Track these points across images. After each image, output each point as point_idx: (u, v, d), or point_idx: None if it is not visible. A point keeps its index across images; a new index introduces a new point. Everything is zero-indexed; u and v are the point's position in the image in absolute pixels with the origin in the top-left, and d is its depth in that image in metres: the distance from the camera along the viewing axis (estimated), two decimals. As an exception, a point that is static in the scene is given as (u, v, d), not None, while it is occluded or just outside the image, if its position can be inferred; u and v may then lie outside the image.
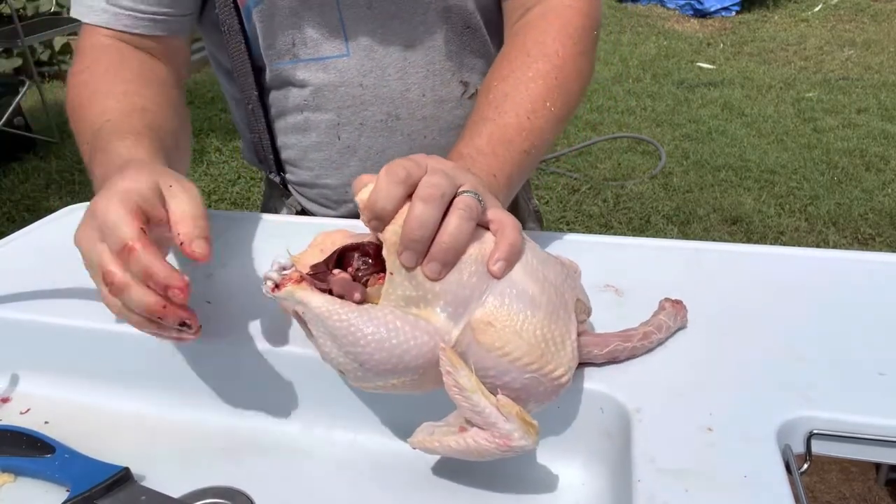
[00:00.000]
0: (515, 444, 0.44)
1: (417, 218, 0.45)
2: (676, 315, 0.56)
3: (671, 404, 0.49)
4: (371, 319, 0.45)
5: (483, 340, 0.45)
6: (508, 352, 0.45)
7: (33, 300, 0.65)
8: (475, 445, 0.45)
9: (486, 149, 0.61)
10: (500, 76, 0.68)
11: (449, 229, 0.46)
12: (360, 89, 0.76)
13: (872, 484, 1.46)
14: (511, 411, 0.44)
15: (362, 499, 0.52)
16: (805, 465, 0.47)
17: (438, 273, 0.46)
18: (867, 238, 2.71)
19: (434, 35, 0.75)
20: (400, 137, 0.80)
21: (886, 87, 4.22)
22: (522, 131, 0.63)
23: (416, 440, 0.48)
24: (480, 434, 0.45)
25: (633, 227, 2.79)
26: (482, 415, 0.44)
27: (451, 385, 0.45)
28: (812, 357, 0.53)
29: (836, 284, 0.63)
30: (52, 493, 0.52)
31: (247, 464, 0.55)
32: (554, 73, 0.67)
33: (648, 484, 0.43)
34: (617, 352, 0.53)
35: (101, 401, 0.61)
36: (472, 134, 0.63)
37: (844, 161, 3.27)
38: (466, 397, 0.44)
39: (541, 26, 0.70)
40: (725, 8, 5.83)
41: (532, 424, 0.45)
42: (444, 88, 0.78)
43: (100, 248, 0.47)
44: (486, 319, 0.46)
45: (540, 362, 0.46)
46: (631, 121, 3.82)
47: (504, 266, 0.47)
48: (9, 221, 2.96)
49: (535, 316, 0.47)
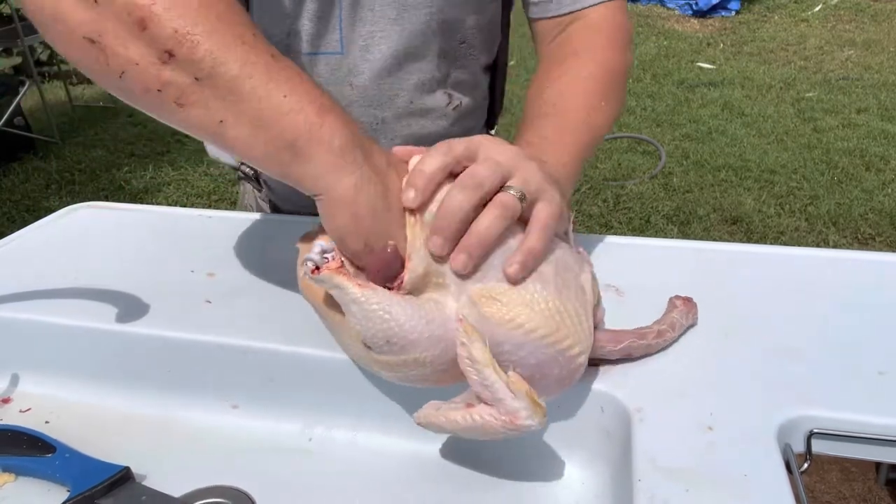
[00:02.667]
0: (521, 423, 0.43)
1: (450, 207, 0.45)
2: (688, 313, 0.57)
3: (672, 403, 0.49)
4: (399, 302, 0.46)
5: (491, 314, 0.45)
6: (521, 323, 0.45)
7: (33, 300, 0.65)
8: (480, 421, 0.44)
9: (552, 137, 0.61)
10: (552, 78, 0.68)
11: (480, 225, 0.45)
12: (350, 89, 0.76)
13: (872, 484, 1.46)
14: (521, 388, 0.44)
15: (362, 498, 0.52)
16: (805, 464, 0.47)
17: (464, 266, 0.46)
18: (867, 238, 2.71)
19: (430, 45, 0.75)
20: (384, 141, 0.79)
21: (886, 87, 4.22)
22: (583, 124, 0.64)
23: (422, 414, 0.48)
24: (486, 410, 0.44)
25: (633, 227, 2.79)
26: (491, 389, 0.44)
27: (464, 356, 0.45)
28: (812, 357, 0.53)
29: (836, 284, 0.63)
30: (53, 493, 0.52)
31: (247, 464, 0.55)
32: (606, 77, 0.68)
33: (649, 483, 0.43)
34: (631, 349, 0.53)
35: (101, 400, 0.61)
36: (537, 126, 0.63)
37: (844, 161, 3.27)
38: (478, 370, 0.44)
39: (586, 35, 0.71)
40: (725, 8, 5.83)
41: (540, 405, 0.44)
42: (431, 98, 0.78)
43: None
44: (491, 294, 0.46)
45: (556, 335, 0.46)
46: (631, 121, 3.82)
47: (518, 270, 0.46)
48: (9, 221, 2.96)
49: (545, 290, 0.46)
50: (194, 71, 0.44)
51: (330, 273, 0.45)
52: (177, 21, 0.44)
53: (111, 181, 3.36)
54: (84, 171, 3.47)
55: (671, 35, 5.42)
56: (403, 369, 0.47)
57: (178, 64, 0.44)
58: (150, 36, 0.44)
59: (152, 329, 0.60)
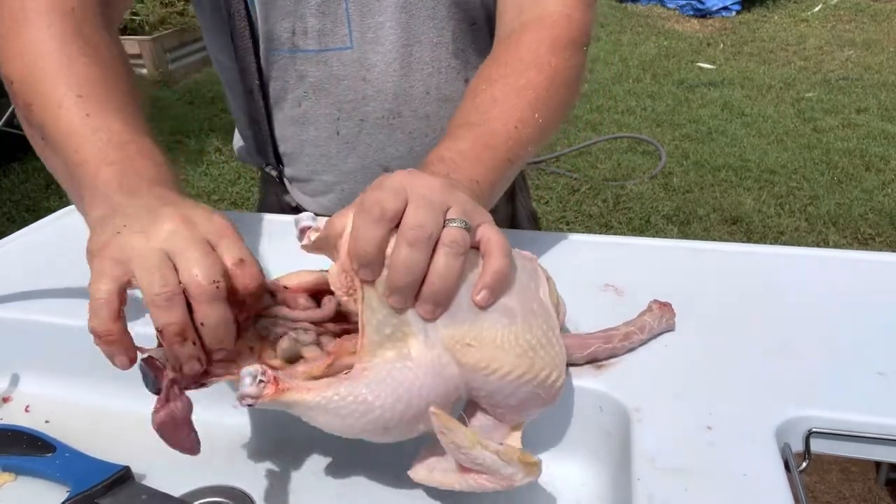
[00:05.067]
0: (518, 484, 0.44)
1: (404, 264, 0.43)
2: (662, 317, 0.56)
3: (671, 403, 0.49)
4: (369, 382, 0.43)
5: (466, 362, 0.44)
6: (496, 369, 0.44)
7: (33, 300, 0.65)
8: (477, 486, 0.45)
9: (469, 153, 0.58)
10: (489, 79, 0.65)
11: (438, 271, 0.43)
12: (363, 83, 0.75)
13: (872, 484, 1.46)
14: (512, 457, 0.43)
15: (362, 498, 0.52)
16: (804, 463, 0.47)
17: (433, 313, 0.44)
18: (867, 238, 2.70)
19: (442, 31, 0.74)
20: (400, 135, 0.78)
21: (886, 87, 4.22)
22: (509, 140, 0.60)
23: (418, 477, 0.48)
24: (483, 477, 0.44)
25: (633, 227, 2.79)
26: (483, 466, 0.44)
27: (449, 443, 0.44)
28: (812, 356, 0.53)
29: (836, 284, 0.63)
30: (53, 493, 0.52)
31: (247, 463, 0.55)
32: (546, 84, 0.64)
33: (648, 483, 0.43)
34: (597, 353, 0.54)
35: (101, 400, 0.61)
36: (456, 137, 0.60)
37: (844, 161, 3.27)
38: (466, 454, 0.44)
39: (536, 34, 0.67)
40: (726, 8, 5.82)
41: (534, 463, 0.44)
42: (449, 87, 0.77)
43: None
44: (464, 340, 0.44)
45: (532, 372, 0.45)
46: (631, 121, 3.81)
47: (488, 295, 0.45)
48: (9, 221, 2.96)
49: (512, 324, 0.45)
50: (39, 132, 0.57)
51: (274, 395, 0.42)
52: (23, 95, 0.57)
53: (111, 181, 3.35)
54: (84, 171, 3.46)
55: (671, 35, 5.42)
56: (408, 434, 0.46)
57: (31, 126, 0.58)
58: (17, 102, 0.58)
59: (152, 329, 0.60)
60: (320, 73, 0.76)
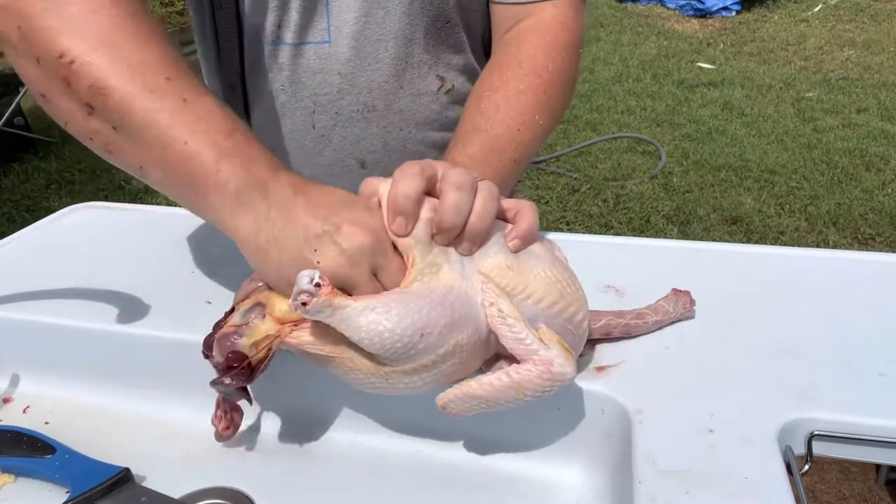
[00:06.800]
0: (556, 371, 0.45)
1: (454, 205, 0.47)
2: (678, 301, 0.57)
3: (672, 405, 0.49)
4: (411, 291, 0.46)
5: (505, 282, 0.47)
6: (530, 293, 0.47)
7: (33, 300, 0.65)
8: (517, 378, 0.45)
9: (479, 156, 0.63)
10: (491, 86, 0.70)
11: (477, 211, 0.48)
12: (339, 77, 0.76)
13: (872, 484, 1.46)
14: (552, 338, 0.46)
15: (362, 499, 0.52)
16: (806, 466, 0.47)
17: (470, 250, 0.49)
18: (867, 238, 2.70)
19: (415, 28, 0.76)
20: (375, 129, 0.80)
21: (886, 87, 4.22)
22: (513, 142, 0.66)
23: (447, 397, 0.47)
24: (521, 366, 0.45)
25: (633, 227, 2.79)
26: (524, 342, 0.45)
27: (495, 315, 0.46)
28: (812, 357, 0.53)
29: (836, 284, 0.63)
30: (53, 494, 0.52)
31: (247, 464, 0.55)
32: (543, 88, 0.69)
33: (649, 485, 0.43)
34: (610, 327, 0.55)
35: (101, 401, 0.61)
36: (465, 142, 0.65)
37: (844, 161, 3.27)
38: (509, 324, 0.45)
39: (532, 40, 0.72)
40: (726, 8, 5.83)
41: (571, 353, 0.46)
42: (422, 82, 0.79)
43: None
44: (503, 265, 0.48)
45: (562, 303, 0.48)
46: (631, 121, 3.81)
47: (519, 244, 0.50)
48: (9, 221, 2.96)
49: (541, 261, 0.50)
50: (111, 121, 0.49)
51: (329, 296, 0.42)
52: (91, 77, 0.48)
53: (111, 181, 3.36)
54: (84, 171, 3.47)
55: (671, 35, 5.42)
56: (441, 364, 0.45)
57: (98, 115, 0.49)
58: (74, 91, 0.49)
59: (152, 329, 0.60)
60: (298, 67, 0.77)
